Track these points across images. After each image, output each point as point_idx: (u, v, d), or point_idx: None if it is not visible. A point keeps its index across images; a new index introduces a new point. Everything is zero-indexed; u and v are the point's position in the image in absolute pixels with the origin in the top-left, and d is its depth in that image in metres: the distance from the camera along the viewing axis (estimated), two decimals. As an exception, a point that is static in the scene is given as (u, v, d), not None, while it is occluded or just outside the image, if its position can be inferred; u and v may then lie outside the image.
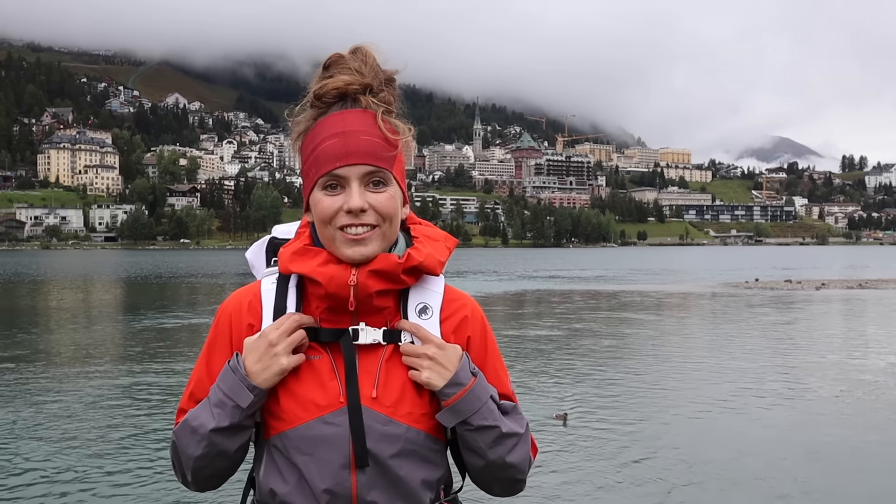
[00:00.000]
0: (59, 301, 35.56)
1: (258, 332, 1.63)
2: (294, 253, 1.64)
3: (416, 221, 1.74)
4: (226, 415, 1.57)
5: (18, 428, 10.62)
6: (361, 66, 1.61)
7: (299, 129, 1.65)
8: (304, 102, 1.65)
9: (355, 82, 1.59)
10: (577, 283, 49.21)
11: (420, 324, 1.64)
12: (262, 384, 1.57)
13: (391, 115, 1.63)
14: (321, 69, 1.64)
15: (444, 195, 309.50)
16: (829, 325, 24.72)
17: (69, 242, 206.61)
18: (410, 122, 1.66)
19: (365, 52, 1.63)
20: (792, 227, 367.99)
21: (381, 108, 1.60)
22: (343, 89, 1.59)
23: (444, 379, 1.60)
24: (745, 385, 13.74)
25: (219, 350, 1.67)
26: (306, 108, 1.64)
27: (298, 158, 1.67)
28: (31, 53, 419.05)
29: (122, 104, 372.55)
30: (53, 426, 10.71)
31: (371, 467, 1.57)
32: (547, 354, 17.58)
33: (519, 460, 1.67)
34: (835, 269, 68.53)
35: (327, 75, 1.62)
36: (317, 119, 1.62)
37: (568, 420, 10.88)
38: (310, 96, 1.63)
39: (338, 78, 1.60)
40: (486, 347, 1.72)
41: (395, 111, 1.64)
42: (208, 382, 1.64)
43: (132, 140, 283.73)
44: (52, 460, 9.06)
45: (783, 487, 8.22)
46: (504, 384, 1.72)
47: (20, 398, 12.64)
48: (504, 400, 1.69)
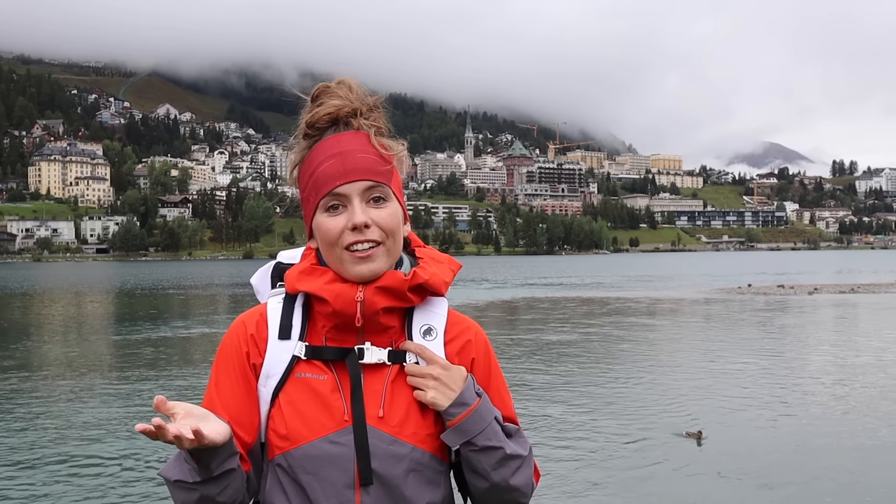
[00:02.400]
0: (51, 313, 35.36)
1: (265, 349, 1.66)
2: (301, 272, 1.65)
3: (419, 244, 1.77)
4: (187, 471, 1.53)
5: (10, 440, 10.52)
6: (348, 94, 1.65)
7: (296, 160, 1.68)
8: (297, 135, 1.68)
9: (346, 106, 1.63)
10: (572, 290, 49.22)
11: (425, 345, 1.66)
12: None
13: (382, 136, 1.66)
14: (310, 101, 1.67)
15: (436, 203, 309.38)
16: (827, 329, 24.75)
17: (61, 254, 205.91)
18: (402, 140, 1.70)
19: (349, 84, 1.67)
20: (783, 233, 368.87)
21: (372, 129, 1.64)
22: (335, 114, 1.63)
23: (449, 399, 1.61)
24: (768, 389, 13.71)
25: (225, 373, 1.66)
26: (299, 139, 1.68)
27: (296, 190, 1.70)
28: (22, 66, 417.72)
29: (113, 115, 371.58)
30: (46, 438, 10.62)
31: (375, 487, 1.58)
32: (549, 361, 17.54)
33: (522, 483, 1.67)
34: (827, 274, 68.71)
35: (316, 105, 1.66)
36: (311, 148, 1.65)
37: (702, 438, 10.52)
38: (302, 127, 1.66)
39: (328, 104, 1.64)
40: (489, 370, 1.73)
41: (386, 132, 1.68)
42: (219, 406, 1.63)
43: (123, 151, 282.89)
44: (46, 471, 8.97)
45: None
46: (508, 407, 1.74)
47: (12, 411, 12.54)
48: (508, 423, 1.70)
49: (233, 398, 1.64)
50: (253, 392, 1.65)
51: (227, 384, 1.65)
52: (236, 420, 1.62)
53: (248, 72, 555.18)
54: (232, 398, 1.64)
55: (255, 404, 1.65)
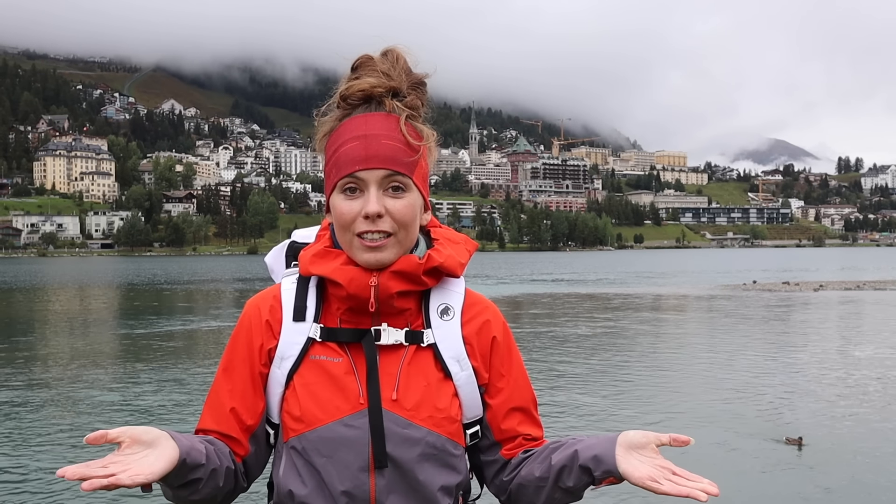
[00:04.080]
0: (56, 308, 35.43)
1: (279, 332, 1.65)
2: (315, 255, 1.64)
3: (436, 225, 1.74)
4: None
5: (17, 433, 10.55)
6: (391, 69, 1.60)
7: (325, 130, 1.65)
8: (331, 103, 1.65)
9: (381, 85, 1.59)
10: (578, 286, 49.17)
11: (441, 325, 1.65)
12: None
13: (416, 120, 1.62)
14: (350, 70, 1.63)
15: (440, 200, 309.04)
16: (835, 325, 24.69)
17: (66, 249, 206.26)
18: (435, 129, 1.65)
19: (396, 55, 1.62)
20: (788, 230, 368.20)
21: (405, 113, 1.59)
22: (368, 91, 1.59)
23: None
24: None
25: (235, 357, 1.67)
26: (332, 109, 1.65)
27: (322, 158, 1.67)
28: (27, 61, 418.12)
29: (118, 111, 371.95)
30: (53, 432, 10.64)
31: (390, 471, 1.56)
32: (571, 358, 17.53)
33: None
34: (832, 271, 68.56)
35: (354, 76, 1.62)
36: (342, 120, 1.62)
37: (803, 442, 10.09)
38: (336, 97, 1.63)
39: (364, 80, 1.59)
40: (510, 350, 1.72)
41: (422, 116, 1.64)
42: (225, 393, 1.64)
43: (128, 147, 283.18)
44: (51, 464, 8.99)
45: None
46: (530, 388, 1.74)
47: (18, 405, 12.56)
48: (529, 404, 1.72)
49: (240, 381, 1.64)
50: (257, 379, 1.65)
51: (236, 368, 1.65)
52: (241, 403, 1.63)
53: (251, 67, 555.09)
54: (239, 381, 1.64)
55: (260, 391, 1.65)
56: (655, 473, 1.45)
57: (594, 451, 1.54)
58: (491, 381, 1.68)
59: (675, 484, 1.42)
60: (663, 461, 1.48)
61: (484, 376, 1.67)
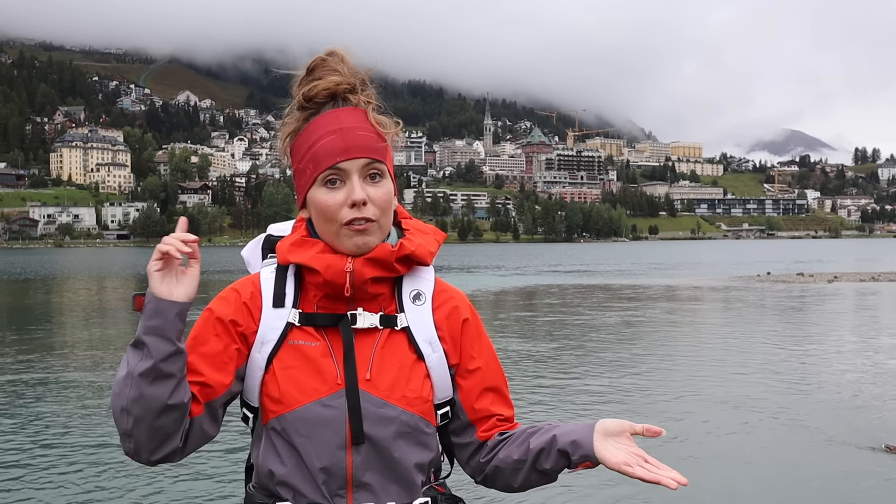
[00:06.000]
0: (72, 298, 35.71)
1: (259, 318, 1.70)
2: (292, 244, 1.70)
3: (406, 216, 1.81)
4: (150, 351, 1.56)
5: (32, 424, 10.67)
6: (343, 68, 1.69)
7: (289, 130, 1.72)
8: (292, 105, 1.71)
9: (344, 82, 1.67)
10: (593, 277, 49.05)
11: (414, 309, 1.73)
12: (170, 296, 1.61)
13: (377, 112, 1.71)
14: (304, 72, 1.71)
15: (454, 191, 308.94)
16: (848, 317, 24.59)
17: (82, 240, 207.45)
18: (396, 118, 1.74)
19: (341, 56, 1.71)
20: (804, 221, 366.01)
21: (370, 105, 1.69)
22: (333, 89, 1.67)
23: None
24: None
25: (208, 325, 1.72)
26: (293, 111, 1.72)
27: (288, 159, 1.74)
28: (44, 52, 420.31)
29: (134, 102, 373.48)
30: (69, 422, 10.75)
31: (366, 448, 1.62)
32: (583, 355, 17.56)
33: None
34: (847, 263, 68.08)
35: (311, 78, 1.69)
36: (307, 120, 1.69)
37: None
38: (298, 98, 1.69)
39: (327, 79, 1.67)
40: (479, 333, 1.79)
41: (378, 108, 1.72)
42: (197, 351, 1.67)
43: (143, 138, 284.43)
44: (66, 455, 9.11)
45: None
46: (501, 369, 1.82)
47: (36, 394, 12.70)
48: (500, 384, 1.80)
49: (211, 348, 1.68)
50: (229, 351, 1.68)
51: (207, 337, 1.69)
52: (210, 366, 1.66)
53: (263, 58, 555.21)
54: (210, 348, 1.68)
55: (231, 364, 1.68)
56: (630, 459, 1.56)
57: (572, 437, 1.63)
58: (462, 363, 1.75)
59: (647, 470, 1.53)
60: (637, 449, 1.58)
61: (454, 358, 1.75)
